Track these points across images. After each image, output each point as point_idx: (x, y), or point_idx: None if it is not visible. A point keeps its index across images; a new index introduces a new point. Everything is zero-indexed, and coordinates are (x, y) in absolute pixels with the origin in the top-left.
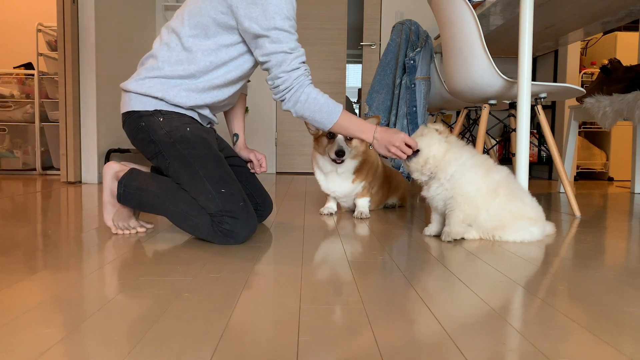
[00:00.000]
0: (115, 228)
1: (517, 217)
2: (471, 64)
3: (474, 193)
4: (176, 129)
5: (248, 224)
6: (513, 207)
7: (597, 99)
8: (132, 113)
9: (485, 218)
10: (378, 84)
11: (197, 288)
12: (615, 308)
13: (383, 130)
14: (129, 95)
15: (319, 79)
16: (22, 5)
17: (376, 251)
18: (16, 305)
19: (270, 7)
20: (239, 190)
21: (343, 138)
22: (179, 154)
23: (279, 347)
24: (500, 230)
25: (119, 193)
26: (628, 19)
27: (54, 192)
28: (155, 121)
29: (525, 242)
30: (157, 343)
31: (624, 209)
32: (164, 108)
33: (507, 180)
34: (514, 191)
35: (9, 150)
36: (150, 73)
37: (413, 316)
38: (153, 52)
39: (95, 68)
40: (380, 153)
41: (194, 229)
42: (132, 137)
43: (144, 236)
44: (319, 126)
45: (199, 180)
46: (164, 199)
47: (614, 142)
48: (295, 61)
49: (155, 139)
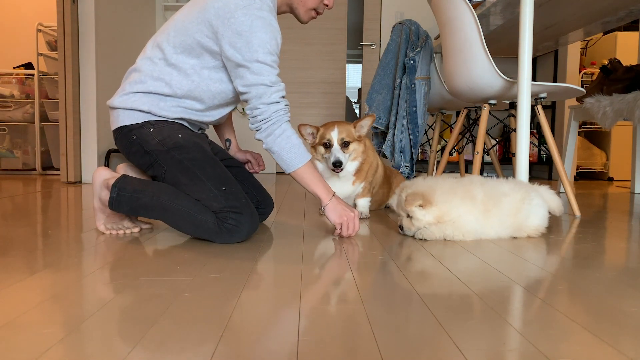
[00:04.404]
0: (107, 230)
1: (518, 207)
2: (471, 64)
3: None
4: (168, 137)
5: (251, 220)
6: (508, 204)
7: (597, 99)
8: (122, 128)
9: (495, 228)
10: (378, 84)
11: (197, 288)
12: (615, 308)
13: (339, 201)
14: (117, 112)
15: (319, 79)
16: (22, 5)
17: (376, 251)
18: (16, 305)
19: (254, 40)
20: (239, 189)
21: (339, 147)
22: (175, 160)
23: (279, 347)
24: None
25: (111, 197)
26: (628, 19)
27: (54, 192)
28: (146, 132)
29: (543, 221)
30: (157, 343)
31: (624, 209)
32: (152, 119)
33: (485, 190)
34: (496, 193)
35: (9, 150)
36: (134, 87)
37: (413, 316)
38: (137, 66)
39: (95, 68)
40: (330, 219)
41: (195, 227)
42: (126, 152)
43: (144, 236)
44: (281, 165)
45: (199, 181)
46: (165, 199)
47: (614, 142)
48: (276, 95)
49: (149, 150)
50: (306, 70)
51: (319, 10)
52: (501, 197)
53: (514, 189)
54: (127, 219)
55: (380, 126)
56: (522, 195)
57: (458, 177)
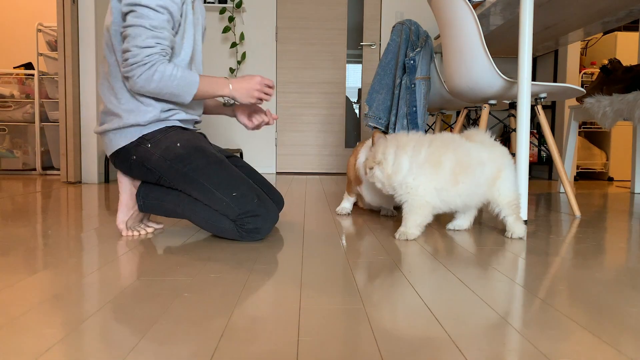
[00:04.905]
0: (125, 230)
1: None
2: (471, 64)
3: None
4: (167, 150)
5: (269, 217)
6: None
7: (597, 99)
8: (119, 151)
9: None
10: (378, 84)
11: (197, 288)
12: (615, 308)
13: (237, 80)
14: (108, 136)
15: (319, 79)
16: (22, 5)
17: (376, 251)
18: (16, 305)
19: None
20: (249, 188)
21: None
22: (180, 173)
23: (279, 347)
24: None
25: (139, 205)
26: (628, 19)
27: (54, 192)
28: (145, 149)
29: None
30: (157, 343)
31: (624, 209)
32: (145, 132)
33: (458, 158)
34: (467, 162)
35: (9, 150)
36: (108, 111)
37: (413, 316)
38: (101, 94)
39: (95, 68)
40: (246, 102)
41: (217, 231)
42: (128, 174)
43: (144, 236)
44: (177, 100)
45: (209, 192)
46: (185, 208)
47: (614, 142)
48: (152, 40)
49: (151, 167)
50: (306, 70)
51: None
52: (477, 165)
53: (490, 158)
54: (145, 218)
55: (380, 126)
56: (499, 165)
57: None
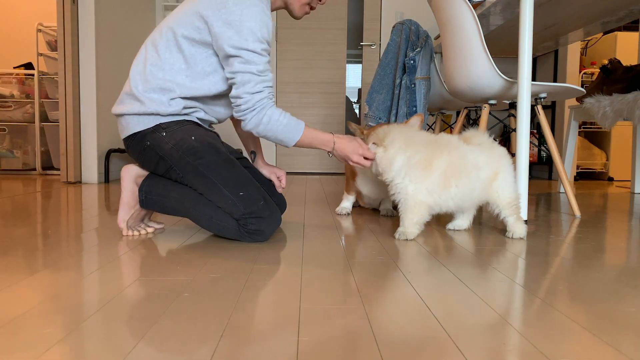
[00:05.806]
0: (126, 230)
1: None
2: (471, 64)
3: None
4: (182, 141)
5: (272, 220)
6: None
7: (597, 99)
8: (134, 135)
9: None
10: (378, 84)
11: (197, 288)
12: (615, 308)
13: (340, 141)
14: (125, 119)
15: (319, 79)
16: (22, 5)
17: (376, 251)
18: (16, 305)
19: (244, 29)
20: (256, 189)
21: None
22: (190, 166)
23: (279, 347)
24: None
25: (140, 199)
26: (628, 19)
27: (54, 192)
28: (159, 137)
29: None
30: (157, 343)
31: (624, 209)
32: (162, 121)
33: (452, 161)
34: (462, 167)
35: (9, 150)
36: (131, 94)
37: (413, 316)
38: (131, 74)
39: (95, 68)
40: (339, 160)
41: (219, 231)
42: (140, 160)
43: (144, 237)
44: (280, 144)
45: (216, 189)
46: (187, 205)
47: (614, 142)
48: (261, 84)
49: (163, 155)
50: (306, 70)
51: (312, 5)
52: (472, 169)
53: (487, 163)
54: (147, 218)
55: None
56: (496, 169)
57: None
